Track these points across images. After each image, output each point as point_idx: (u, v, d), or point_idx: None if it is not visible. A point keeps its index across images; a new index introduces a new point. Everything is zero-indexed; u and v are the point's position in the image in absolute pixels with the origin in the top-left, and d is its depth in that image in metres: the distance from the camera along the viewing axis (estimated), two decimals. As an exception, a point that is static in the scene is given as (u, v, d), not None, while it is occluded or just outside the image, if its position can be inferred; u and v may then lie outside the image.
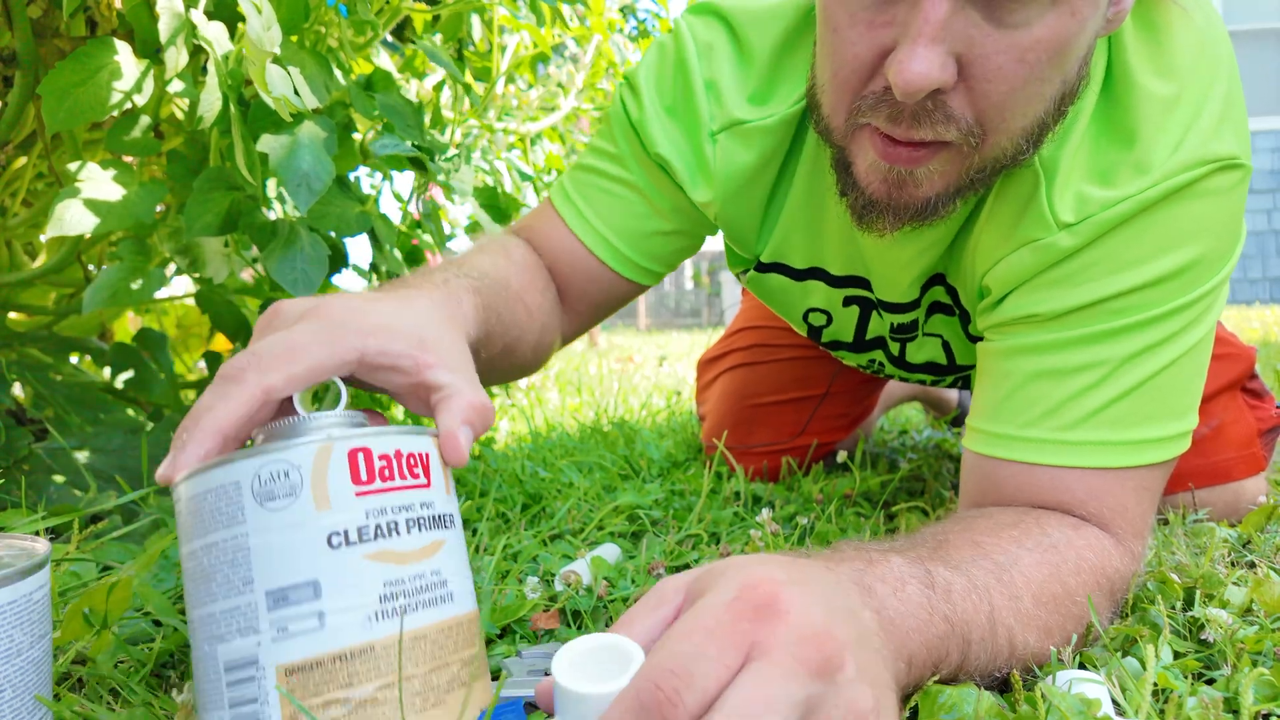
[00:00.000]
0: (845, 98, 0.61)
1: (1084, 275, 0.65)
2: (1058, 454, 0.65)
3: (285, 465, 0.43)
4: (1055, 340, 0.66)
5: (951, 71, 0.55)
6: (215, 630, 0.42)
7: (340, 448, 0.44)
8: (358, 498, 0.43)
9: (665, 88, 0.79)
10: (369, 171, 1.57)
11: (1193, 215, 0.64)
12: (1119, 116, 0.65)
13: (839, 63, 0.60)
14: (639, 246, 0.85)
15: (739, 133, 0.76)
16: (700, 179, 0.78)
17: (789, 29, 0.76)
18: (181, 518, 0.45)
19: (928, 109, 0.57)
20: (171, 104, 1.04)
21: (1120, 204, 0.63)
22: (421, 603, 0.44)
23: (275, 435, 0.47)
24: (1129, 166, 0.64)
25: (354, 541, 0.43)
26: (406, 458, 0.46)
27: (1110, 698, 0.51)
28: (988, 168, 0.62)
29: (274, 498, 0.42)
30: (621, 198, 0.84)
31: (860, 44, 0.57)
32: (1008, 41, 0.54)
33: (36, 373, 1.19)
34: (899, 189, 0.62)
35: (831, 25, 0.60)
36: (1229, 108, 0.66)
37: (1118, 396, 0.64)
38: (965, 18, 0.54)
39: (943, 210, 0.64)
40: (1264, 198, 6.82)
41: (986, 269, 0.71)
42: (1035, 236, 0.66)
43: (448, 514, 0.48)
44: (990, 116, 0.58)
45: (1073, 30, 0.55)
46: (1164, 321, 0.64)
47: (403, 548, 0.44)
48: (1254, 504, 0.94)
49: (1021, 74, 0.56)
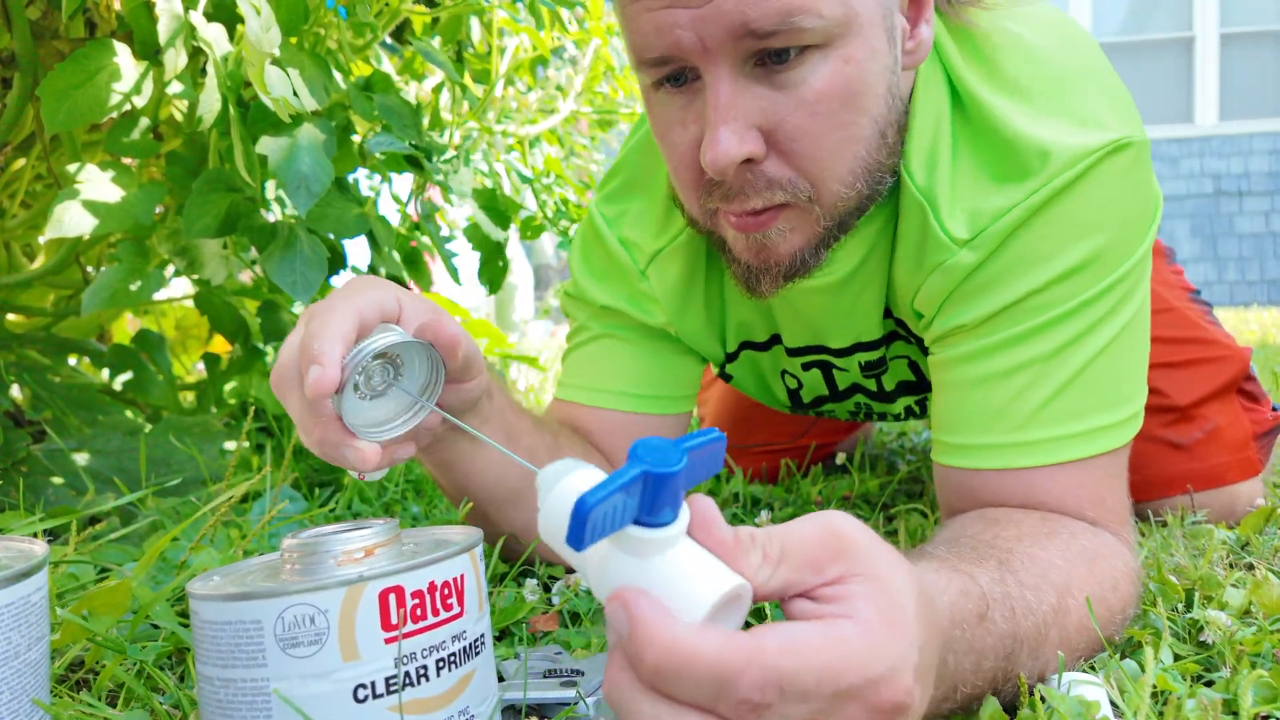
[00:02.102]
0: (691, 191, 0.68)
1: (999, 280, 0.67)
2: (1018, 456, 0.66)
3: (311, 610, 0.40)
4: (985, 346, 0.68)
5: (754, 142, 0.61)
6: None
7: (371, 590, 0.41)
8: (387, 644, 0.41)
9: (592, 261, 0.88)
10: (368, 174, 1.57)
11: (1092, 204, 0.66)
12: (988, 133, 0.68)
13: (674, 165, 0.67)
14: (647, 381, 0.87)
15: (661, 258, 0.83)
16: (649, 308, 0.86)
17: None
18: (199, 636, 0.43)
19: (750, 180, 0.63)
20: (170, 106, 1.04)
21: (1011, 211, 0.66)
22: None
23: (306, 558, 0.45)
24: (1011, 176, 0.67)
25: (381, 694, 0.41)
26: (441, 589, 0.44)
27: (1109, 700, 0.51)
28: (838, 214, 0.66)
29: (298, 644, 0.40)
30: (606, 352, 0.88)
31: (682, 143, 0.65)
32: (794, 102, 0.60)
33: (35, 374, 1.18)
34: (764, 253, 0.68)
35: (659, 135, 0.68)
36: (1098, 91, 0.68)
37: (1058, 390, 0.66)
38: (751, 93, 0.60)
39: (813, 261, 0.68)
40: (1261, 200, 6.83)
41: (912, 297, 0.75)
42: (940, 260, 0.69)
43: (479, 636, 0.46)
44: (810, 170, 0.63)
45: (854, 75, 0.60)
46: (1086, 310, 0.66)
47: (432, 693, 0.42)
48: (1251, 507, 0.94)
49: (819, 126, 0.61)
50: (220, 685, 0.42)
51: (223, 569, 0.50)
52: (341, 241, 1.22)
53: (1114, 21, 7.04)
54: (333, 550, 0.45)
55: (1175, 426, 0.95)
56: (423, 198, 1.31)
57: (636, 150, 0.86)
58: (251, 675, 0.41)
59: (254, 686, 0.41)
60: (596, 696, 0.55)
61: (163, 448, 1.10)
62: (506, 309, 4.62)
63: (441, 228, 1.72)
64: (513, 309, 4.73)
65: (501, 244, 1.37)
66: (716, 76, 0.60)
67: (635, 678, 0.36)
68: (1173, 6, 6.94)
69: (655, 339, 0.88)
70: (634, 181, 0.86)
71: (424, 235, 1.44)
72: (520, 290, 4.76)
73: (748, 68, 0.60)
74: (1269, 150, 6.81)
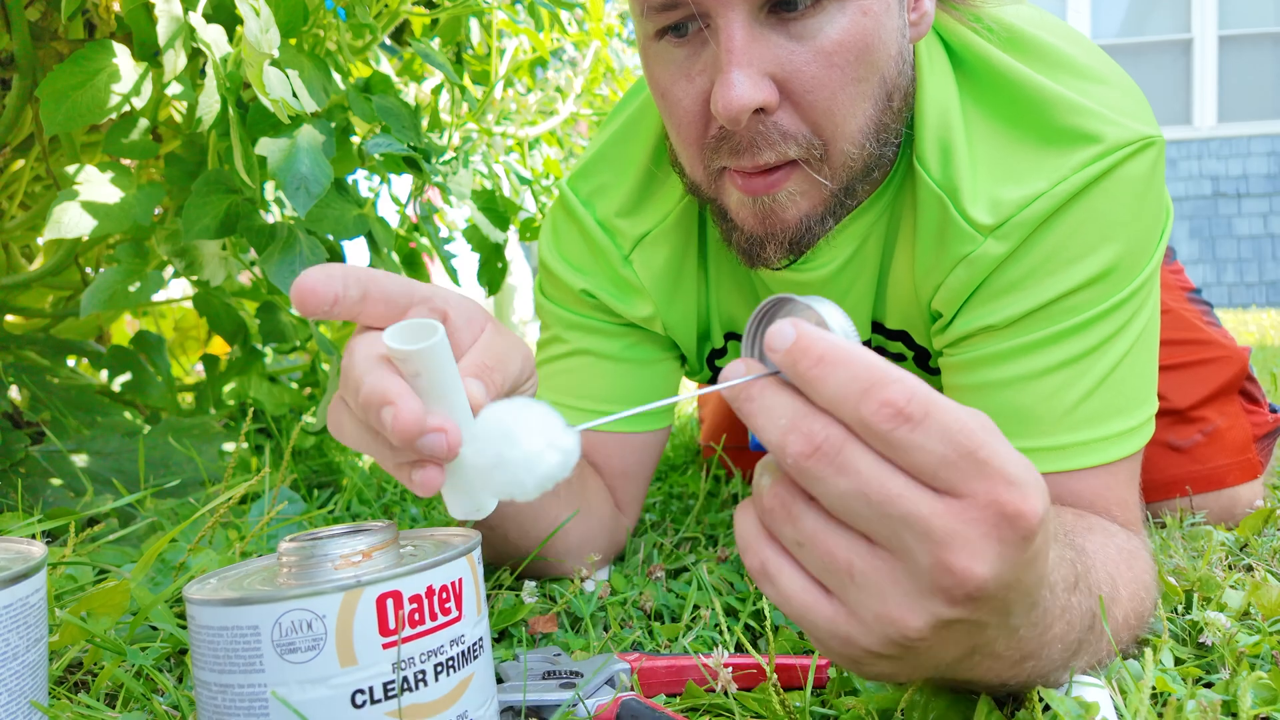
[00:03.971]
0: (694, 150, 0.65)
1: (1030, 279, 0.66)
2: (1049, 460, 0.66)
3: (308, 615, 0.40)
4: (1015, 346, 0.67)
5: (768, 90, 0.59)
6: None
7: (369, 595, 0.41)
8: (385, 649, 0.41)
9: (567, 245, 0.83)
10: (367, 175, 1.57)
11: (1119, 202, 0.65)
12: (1014, 118, 0.67)
13: (677, 121, 0.65)
14: (623, 400, 0.84)
15: (647, 242, 0.80)
16: (633, 298, 0.82)
17: (652, 133, 0.80)
18: (196, 641, 0.43)
19: (762, 132, 0.61)
20: (170, 107, 1.04)
21: (1037, 200, 0.65)
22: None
23: (303, 562, 0.45)
24: (1038, 163, 0.66)
25: (379, 699, 0.41)
26: (439, 593, 0.44)
27: (1109, 702, 0.50)
28: (845, 177, 0.65)
29: (295, 650, 0.40)
30: (580, 369, 0.84)
31: (687, 97, 0.63)
32: (812, 52, 0.59)
33: (34, 375, 1.18)
34: (770, 218, 0.65)
35: (660, 92, 0.65)
36: (1124, 89, 0.68)
37: (1087, 393, 0.65)
38: (766, 41, 0.58)
39: (819, 230, 0.66)
40: (1260, 202, 6.83)
41: (931, 295, 0.72)
42: (964, 252, 0.67)
43: (477, 640, 0.46)
44: (823, 125, 0.61)
45: (870, 27, 0.60)
46: (1116, 311, 0.66)
47: (430, 698, 0.42)
48: (1250, 509, 0.94)
49: (835, 77, 0.60)
50: (218, 690, 0.42)
51: (220, 571, 0.50)
52: (340, 242, 1.22)
53: (1113, 23, 7.04)
54: (330, 554, 0.45)
55: (1174, 429, 0.95)
56: (422, 199, 1.31)
57: (612, 140, 0.83)
58: (249, 681, 0.40)
59: (251, 692, 0.40)
60: (595, 698, 0.55)
61: (161, 449, 1.10)
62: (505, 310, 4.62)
63: (441, 229, 1.72)
64: (512, 310, 4.72)
65: (501, 245, 1.37)
66: (730, 21, 0.58)
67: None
68: (1171, 8, 6.95)
69: (634, 349, 0.84)
70: (608, 157, 0.83)
71: (423, 236, 1.44)
72: (519, 291, 4.76)
73: (762, 15, 0.58)
74: (1267, 152, 6.81)
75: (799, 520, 0.37)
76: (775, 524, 0.38)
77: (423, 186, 1.25)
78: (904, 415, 0.34)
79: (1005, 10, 0.73)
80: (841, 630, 0.37)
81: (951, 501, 0.35)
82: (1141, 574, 0.59)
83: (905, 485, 0.35)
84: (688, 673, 0.59)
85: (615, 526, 0.86)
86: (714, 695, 0.56)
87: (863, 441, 0.35)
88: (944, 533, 0.34)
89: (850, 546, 0.36)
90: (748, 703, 0.55)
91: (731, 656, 0.59)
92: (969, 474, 0.34)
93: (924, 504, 0.35)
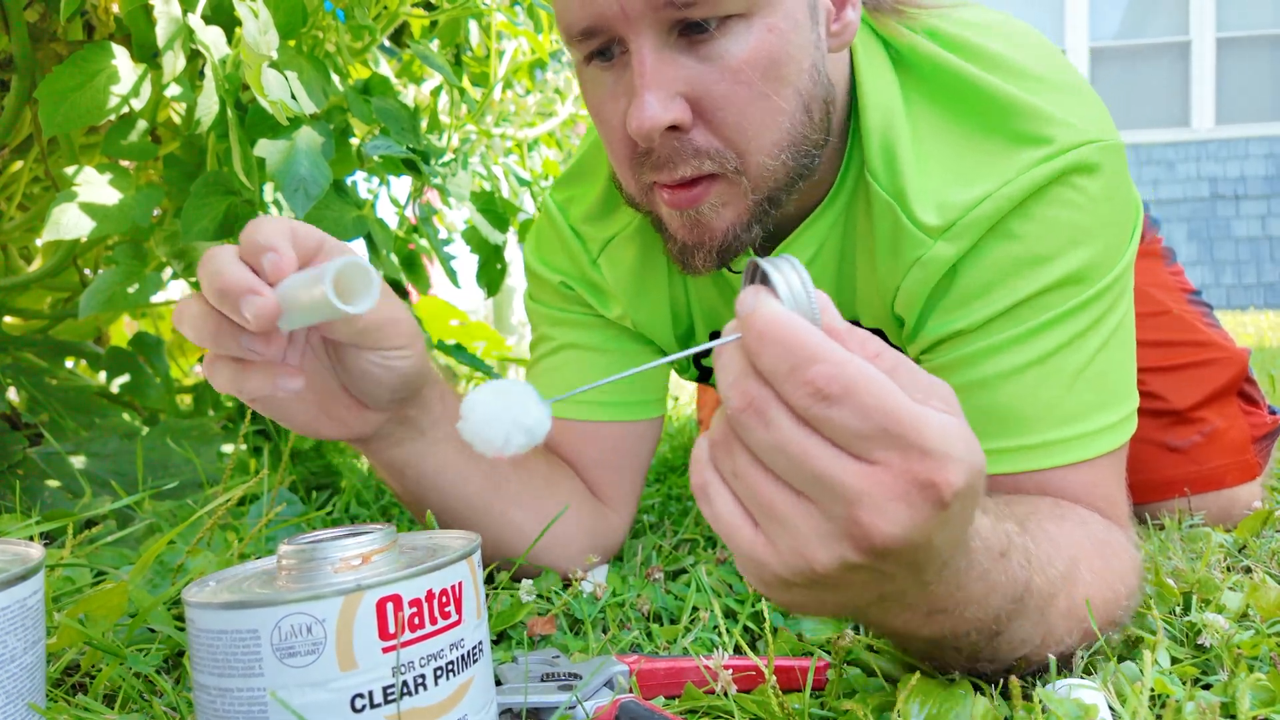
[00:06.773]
0: (626, 166, 0.68)
1: (998, 284, 0.67)
2: (1033, 458, 0.66)
3: (308, 619, 0.40)
4: (988, 346, 0.67)
5: (679, 109, 0.61)
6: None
7: (369, 599, 0.41)
8: (385, 654, 0.41)
9: (546, 245, 0.89)
10: (366, 176, 1.57)
11: (1081, 207, 0.66)
12: (961, 114, 0.69)
13: (609, 140, 0.68)
14: (613, 387, 0.86)
15: (614, 244, 0.84)
16: (604, 300, 0.86)
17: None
18: (195, 645, 0.43)
19: (677, 149, 0.63)
20: (169, 108, 1.04)
21: (984, 202, 0.66)
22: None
23: (302, 565, 0.45)
24: (985, 163, 0.67)
25: (379, 703, 0.41)
26: (439, 597, 0.44)
27: (1107, 704, 0.51)
28: (766, 187, 0.66)
29: (295, 653, 0.40)
30: (570, 362, 0.87)
31: (614, 117, 0.66)
32: (720, 70, 0.61)
33: (32, 377, 1.18)
34: (697, 228, 0.68)
35: (594, 113, 0.69)
36: (1077, 92, 0.69)
37: (1064, 389, 0.66)
38: (676, 63, 0.61)
39: (746, 237, 0.68)
40: (1258, 204, 6.84)
41: (892, 299, 0.74)
42: (916, 255, 0.69)
43: (477, 644, 0.46)
44: (735, 139, 0.63)
45: (776, 44, 0.62)
46: (1088, 307, 0.66)
47: (430, 701, 0.42)
48: (1248, 510, 0.94)
49: (744, 94, 0.62)
50: (217, 694, 0.42)
51: (219, 574, 0.50)
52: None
53: (1111, 26, 7.06)
54: (330, 557, 0.45)
55: (1173, 430, 0.96)
56: (421, 200, 1.31)
57: (588, 148, 0.87)
58: (248, 684, 0.40)
59: (251, 696, 0.40)
60: (594, 700, 0.55)
61: (160, 450, 1.10)
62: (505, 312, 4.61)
63: (440, 230, 1.72)
64: (511, 312, 4.72)
65: (500, 247, 1.37)
66: (640, 45, 0.61)
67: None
68: (1169, 11, 6.96)
69: (617, 341, 0.87)
70: (582, 168, 0.87)
71: (422, 238, 1.44)
72: (519, 293, 4.76)
73: (671, 38, 0.61)
74: (1265, 154, 6.82)
75: (735, 457, 0.41)
76: (718, 454, 0.43)
77: (422, 188, 1.25)
78: (822, 394, 0.38)
79: (955, 13, 0.74)
80: (759, 555, 0.41)
81: (865, 465, 0.38)
82: (1115, 563, 0.60)
83: (821, 447, 0.38)
84: (687, 674, 0.59)
85: (597, 523, 0.85)
86: (713, 697, 0.56)
87: (789, 407, 0.39)
88: (855, 491, 0.38)
89: (774, 487, 0.40)
90: (746, 705, 0.55)
91: (730, 658, 0.59)
92: (884, 444, 0.38)
93: (837, 465, 0.38)
